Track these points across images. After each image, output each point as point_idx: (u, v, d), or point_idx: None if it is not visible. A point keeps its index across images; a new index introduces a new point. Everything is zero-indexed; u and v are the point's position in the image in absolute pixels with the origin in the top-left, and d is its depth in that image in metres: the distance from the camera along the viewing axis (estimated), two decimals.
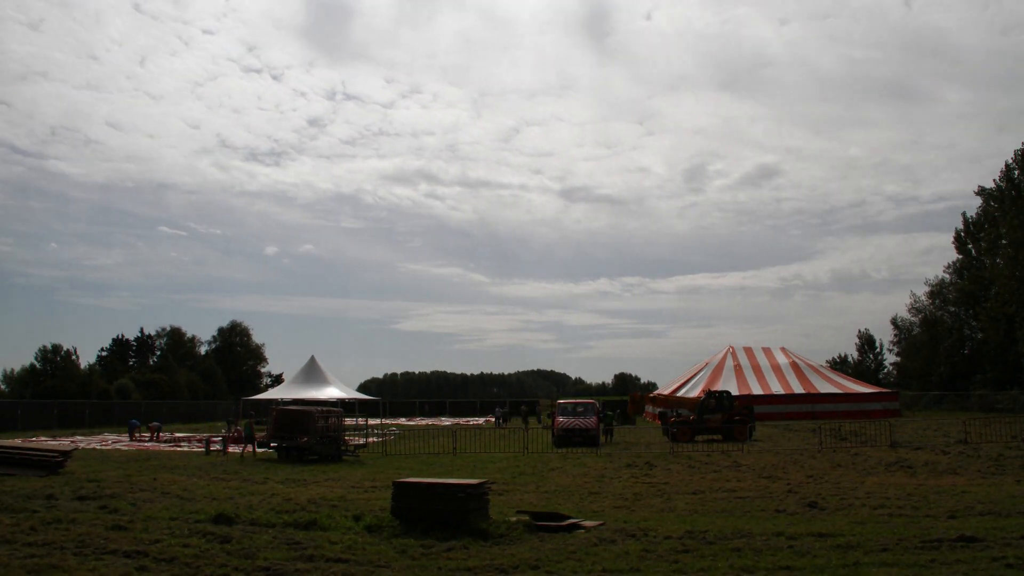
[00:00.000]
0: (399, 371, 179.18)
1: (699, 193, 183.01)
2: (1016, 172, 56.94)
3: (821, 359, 66.94)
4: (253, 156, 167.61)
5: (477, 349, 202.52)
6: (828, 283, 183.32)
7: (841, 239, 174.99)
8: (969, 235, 64.94)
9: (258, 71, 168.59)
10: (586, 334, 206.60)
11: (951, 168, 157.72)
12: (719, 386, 53.01)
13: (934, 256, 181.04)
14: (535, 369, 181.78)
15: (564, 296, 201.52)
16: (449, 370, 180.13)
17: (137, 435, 37.55)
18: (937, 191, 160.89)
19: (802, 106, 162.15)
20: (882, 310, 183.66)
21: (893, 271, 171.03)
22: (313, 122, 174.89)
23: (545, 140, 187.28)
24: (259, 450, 27.13)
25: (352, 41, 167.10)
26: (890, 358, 77.06)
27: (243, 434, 28.45)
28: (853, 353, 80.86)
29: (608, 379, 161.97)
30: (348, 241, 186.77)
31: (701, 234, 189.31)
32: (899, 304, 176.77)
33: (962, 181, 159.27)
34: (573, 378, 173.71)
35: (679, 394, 52.92)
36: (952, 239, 66.59)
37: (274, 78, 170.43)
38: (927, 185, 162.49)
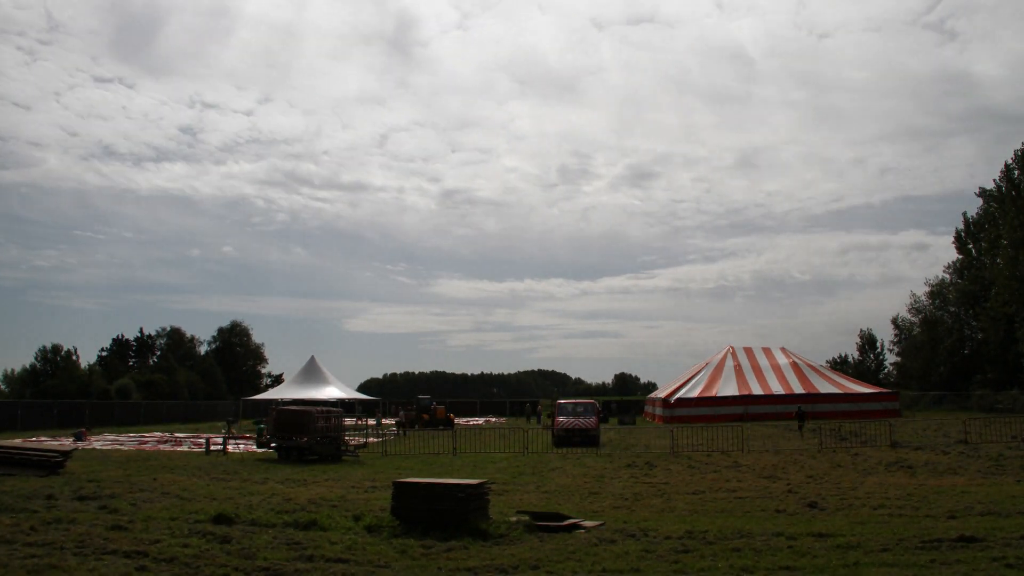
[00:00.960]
0: (399, 371, 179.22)
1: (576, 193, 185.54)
2: (1016, 172, 56.95)
3: (821, 359, 67.02)
4: (137, 162, 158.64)
5: (438, 350, 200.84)
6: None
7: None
8: (969, 235, 64.96)
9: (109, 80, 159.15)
10: (539, 333, 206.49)
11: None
12: (719, 386, 53.07)
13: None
14: (536, 369, 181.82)
15: (494, 295, 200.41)
16: (449, 370, 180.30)
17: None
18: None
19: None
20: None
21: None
22: (185, 130, 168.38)
23: (412, 146, 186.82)
24: (259, 449, 27.17)
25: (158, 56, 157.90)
26: (890, 358, 77.16)
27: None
28: (853, 353, 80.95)
29: (608, 379, 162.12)
30: (263, 243, 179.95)
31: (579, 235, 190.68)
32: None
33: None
34: (573, 378, 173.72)
35: (679, 394, 52.96)
36: (952, 239, 66.72)
37: (128, 87, 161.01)
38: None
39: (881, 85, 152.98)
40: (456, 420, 50.01)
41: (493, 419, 59.85)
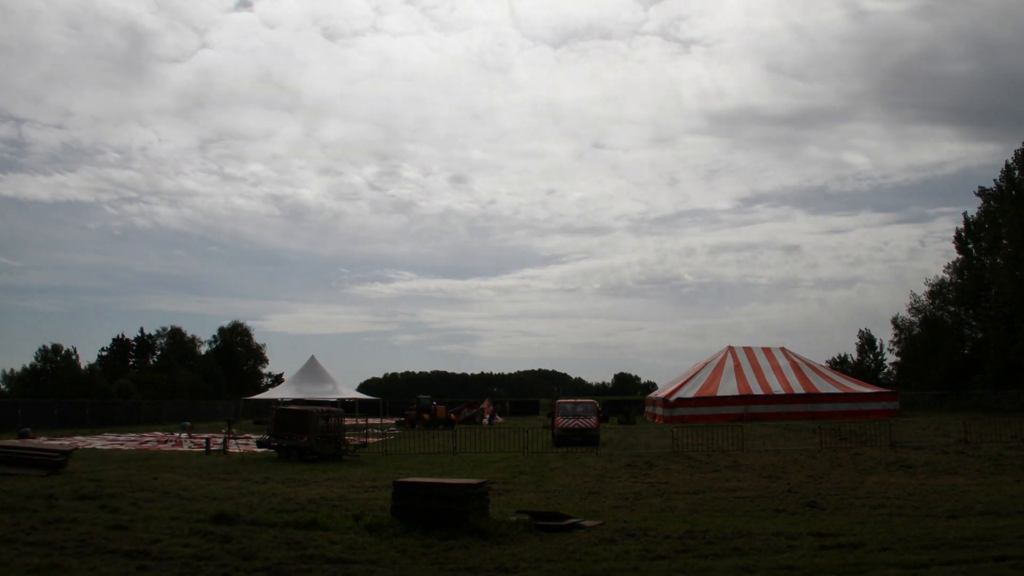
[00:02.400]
0: (399, 371, 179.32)
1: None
2: (1016, 172, 56.97)
3: (821, 359, 66.98)
4: None
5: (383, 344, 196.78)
6: None
7: None
8: (969, 235, 64.97)
9: None
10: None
11: None
12: (719, 386, 53.08)
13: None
14: (536, 369, 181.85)
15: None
16: (449, 370, 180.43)
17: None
18: None
19: None
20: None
21: None
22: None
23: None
24: (259, 449, 27.18)
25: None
26: (890, 358, 77.16)
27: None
28: (853, 353, 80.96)
29: (608, 379, 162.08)
30: (131, 247, 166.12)
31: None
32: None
33: None
34: (573, 378, 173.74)
35: (679, 394, 52.96)
36: (953, 239, 66.75)
37: None
38: None
39: None
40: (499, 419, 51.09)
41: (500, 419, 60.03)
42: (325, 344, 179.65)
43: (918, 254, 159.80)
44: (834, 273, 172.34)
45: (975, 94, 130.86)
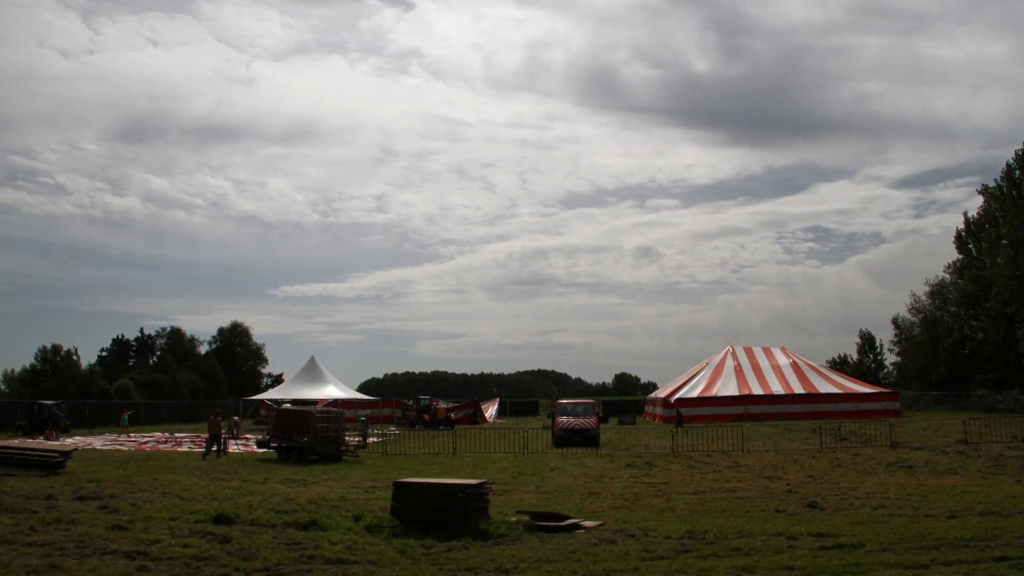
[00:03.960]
0: (399, 371, 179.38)
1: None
2: (1017, 172, 56.94)
3: (821, 359, 66.99)
4: None
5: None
6: None
7: None
8: (969, 235, 64.93)
9: None
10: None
11: None
12: (719, 386, 53.07)
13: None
14: (536, 369, 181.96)
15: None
16: (450, 370, 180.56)
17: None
18: None
19: None
20: None
21: None
22: None
23: None
24: (259, 449, 27.18)
25: None
26: (890, 358, 77.12)
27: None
28: (853, 353, 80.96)
29: (608, 379, 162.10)
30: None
31: None
32: None
33: None
34: (573, 378, 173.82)
35: (679, 394, 52.95)
36: (953, 238, 66.73)
37: None
38: None
39: None
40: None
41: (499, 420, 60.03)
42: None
43: None
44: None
45: None
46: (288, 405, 29.52)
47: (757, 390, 51.86)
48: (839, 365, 75.75)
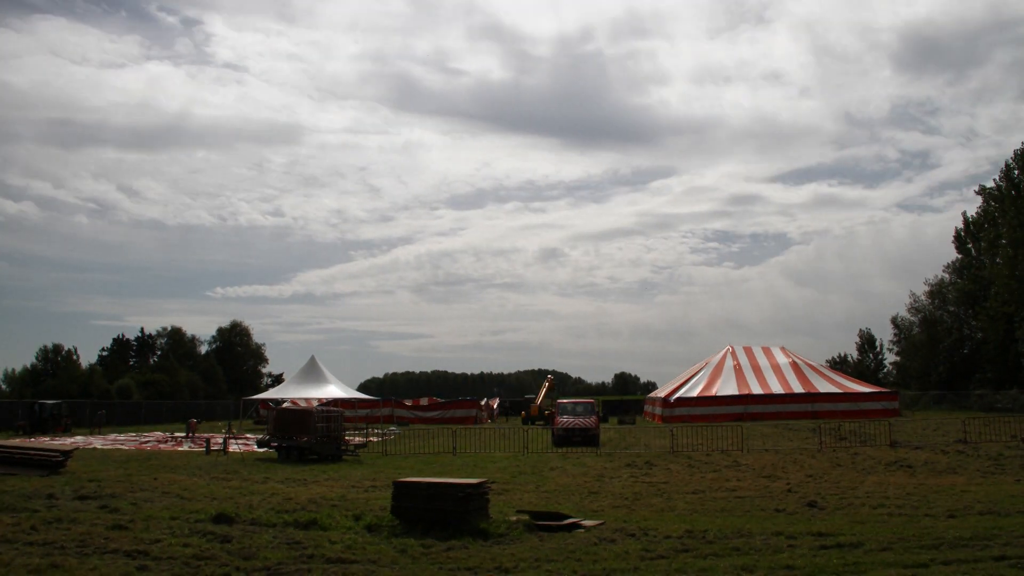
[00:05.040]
0: (400, 371, 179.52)
1: None
2: (1016, 172, 56.95)
3: (821, 359, 67.01)
4: None
5: None
6: None
7: None
8: (969, 235, 64.96)
9: None
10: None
11: None
12: (719, 386, 53.08)
13: None
14: (536, 369, 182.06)
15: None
16: (450, 370, 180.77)
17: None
18: None
19: None
20: None
21: None
22: None
23: None
24: (259, 449, 27.21)
25: None
26: (890, 358, 77.15)
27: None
28: (853, 353, 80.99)
29: (608, 379, 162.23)
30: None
31: None
32: None
33: None
34: (573, 378, 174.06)
35: (679, 394, 52.96)
36: (952, 238, 66.74)
37: None
38: None
39: None
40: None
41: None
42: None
43: None
44: None
45: None
46: (288, 404, 29.53)
47: (757, 390, 51.89)
48: (839, 365, 75.79)
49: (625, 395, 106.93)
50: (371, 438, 31.29)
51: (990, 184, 60.41)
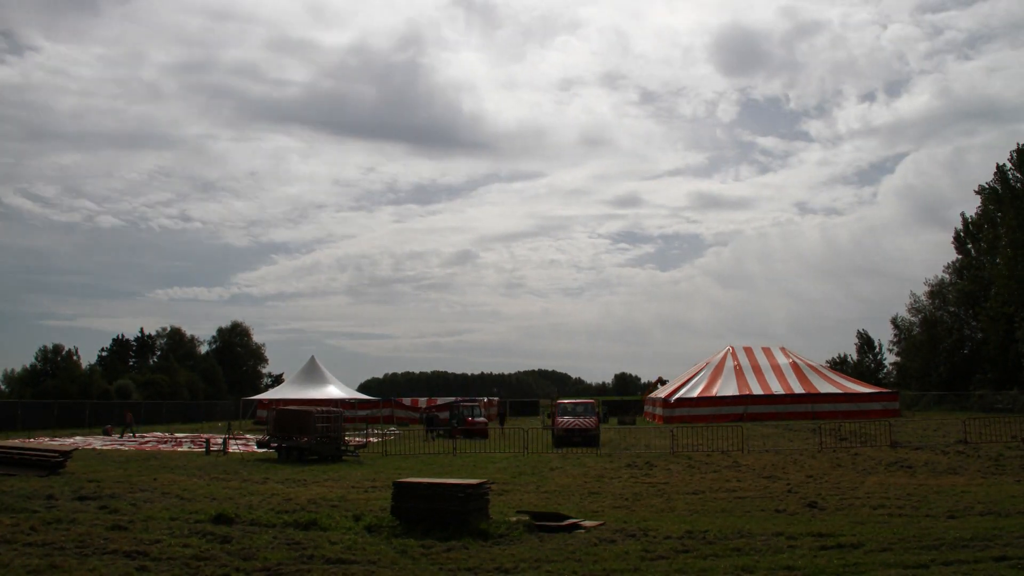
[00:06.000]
0: (399, 371, 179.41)
1: None
2: (1016, 172, 56.95)
3: (821, 359, 66.98)
4: None
5: None
6: None
7: None
8: (969, 235, 64.94)
9: None
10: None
11: None
12: (719, 386, 53.09)
13: None
14: (536, 369, 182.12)
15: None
16: (449, 370, 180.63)
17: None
18: None
19: None
20: None
21: None
22: None
23: None
24: (259, 449, 27.23)
25: None
26: (890, 358, 77.11)
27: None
28: (853, 353, 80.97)
29: (608, 379, 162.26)
30: None
31: None
32: None
33: None
34: (573, 378, 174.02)
35: (679, 394, 52.95)
36: (952, 239, 66.71)
37: None
38: None
39: None
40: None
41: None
42: None
43: None
44: None
45: None
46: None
47: (757, 390, 51.89)
48: (839, 365, 75.76)
49: (625, 395, 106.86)
50: (371, 439, 31.28)
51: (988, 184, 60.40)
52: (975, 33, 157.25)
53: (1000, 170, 57.81)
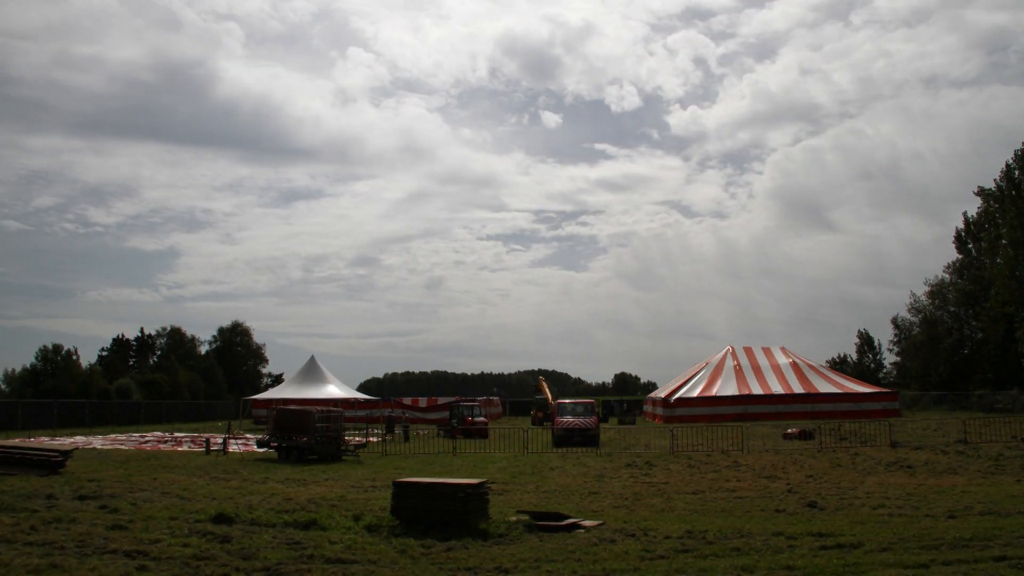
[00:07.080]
0: (399, 371, 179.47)
1: None
2: (1016, 172, 56.95)
3: (821, 359, 66.99)
4: None
5: None
6: None
7: None
8: (969, 235, 64.94)
9: None
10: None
11: None
12: (719, 386, 53.08)
13: None
14: (536, 369, 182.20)
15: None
16: (449, 370, 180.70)
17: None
18: None
19: None
20: None
21: None
22: None
23: None
24: (259, 449, 27.21)
25: None
26: (890, 358, 77.10)
27: None
28: (853, 353, 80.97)
29: (608, 379, 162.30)
30: None
31: None
32: None
33: None
34: (573, 378, 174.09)
35: (679, 394, 52.94)
36: (952, 238, 66.72)
37: None
38: None
39: None
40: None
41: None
42: None
43: None
44: None
45: None
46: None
47: (757, 390, 51.90)
48: (839, 365, 75.77)
49: (625, 395, 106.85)
50: (370, 438, 31.28)
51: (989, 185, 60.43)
52: None
53: (1007, 168, 57.76)
